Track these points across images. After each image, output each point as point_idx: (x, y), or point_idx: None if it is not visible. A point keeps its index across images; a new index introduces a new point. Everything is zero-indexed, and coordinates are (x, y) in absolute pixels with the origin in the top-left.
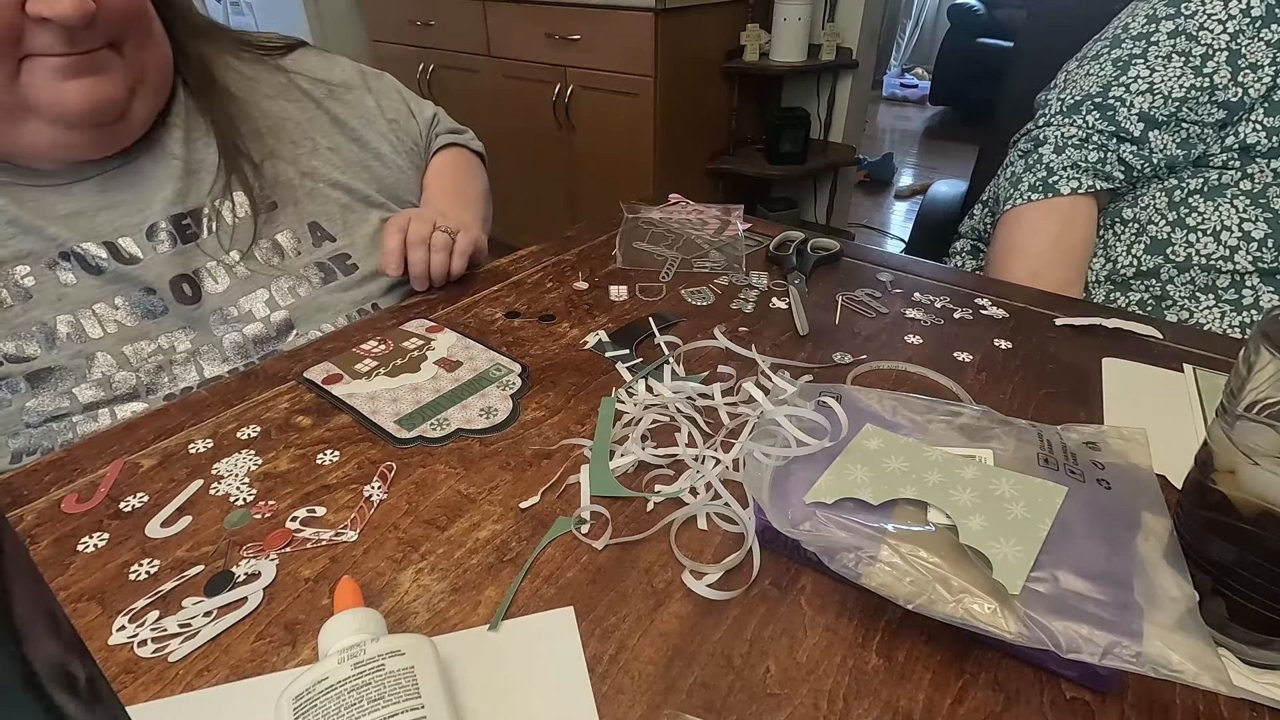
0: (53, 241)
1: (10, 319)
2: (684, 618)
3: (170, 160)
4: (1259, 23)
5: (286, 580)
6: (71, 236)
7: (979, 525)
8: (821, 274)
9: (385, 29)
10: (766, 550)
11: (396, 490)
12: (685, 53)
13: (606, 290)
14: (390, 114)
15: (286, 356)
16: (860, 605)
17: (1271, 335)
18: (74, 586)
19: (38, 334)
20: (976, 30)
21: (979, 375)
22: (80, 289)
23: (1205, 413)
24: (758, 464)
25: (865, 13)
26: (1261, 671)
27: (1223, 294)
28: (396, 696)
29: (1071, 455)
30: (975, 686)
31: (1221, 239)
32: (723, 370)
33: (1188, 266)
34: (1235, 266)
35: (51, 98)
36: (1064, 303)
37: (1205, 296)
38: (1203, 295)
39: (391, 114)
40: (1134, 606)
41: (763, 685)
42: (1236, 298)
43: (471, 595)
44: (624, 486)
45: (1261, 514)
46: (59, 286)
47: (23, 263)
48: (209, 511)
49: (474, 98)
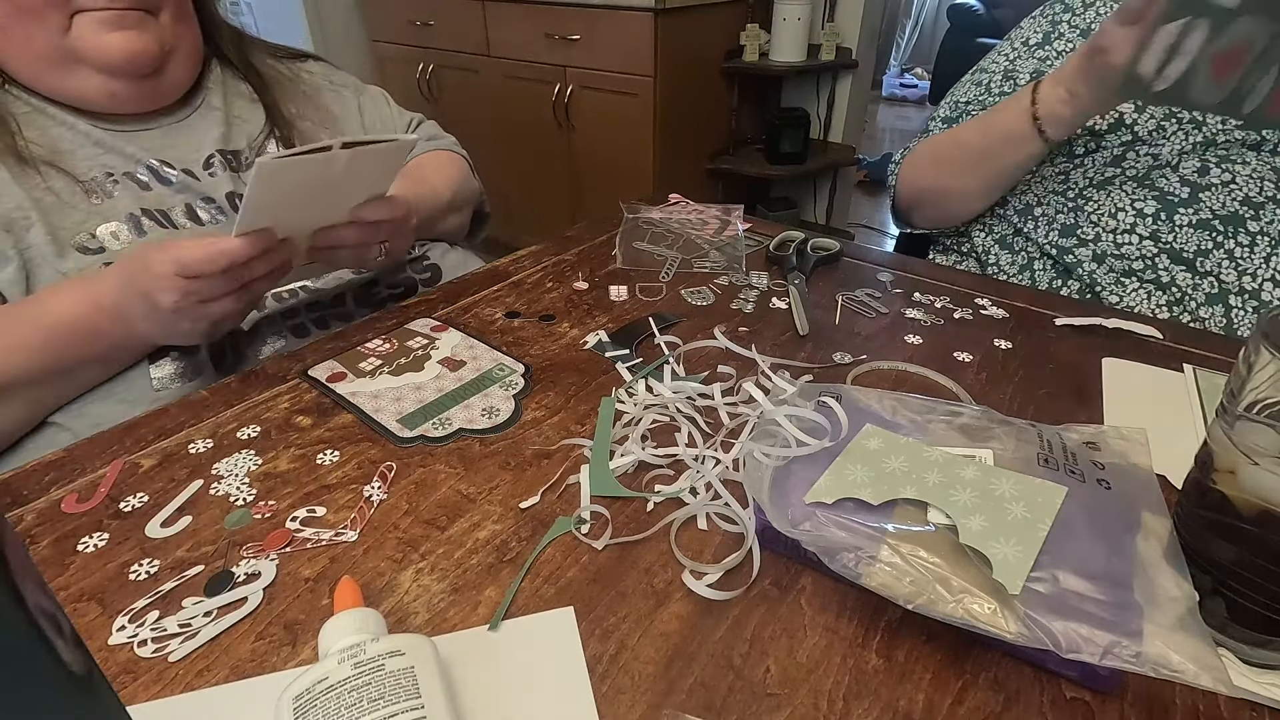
0: (131, 158)
1: (105, 210)
2: (684, 618)
3: (213, 112)
4: (1034, 46)
5: (286, 580)
6: (146, 155)
7: (979, 525)
8: (821, 274)
9: (385, 29)
10: (766, 550)
11: (396, 490)
12: (685, 53)
13: (606, 290)
14: (369, 114)
15: (287, 356)
16: (860, 605)
17: (1271, 335)
18: (74, 586)
19: (128, 223)
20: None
21: (979, 375)
22: (156, 195)
23: (1205, 413)
24: (758, 464)
25: (865, 13)
26: (1261, 671)
27: (1143, 276)
28: (396, 696)
29: (1071, 455)
30: (975, 686)
31: (1119, 218)
32: (723, 370)
33: (1103, 257)
34: (1142, 251)
35: (96, 45)
36: (1064, 303)
37: (1129, 280)
38: (1126, 280)
39: (371, 114)
40: (1134, 606)
41: (763, 685)
42: (1155, 278)
43: (471, 595)
44: (624, 486)
45: (1261, 514)
46: (139, 191)
47: (109, 173)
48: (209, 511)
49: (474, 98)
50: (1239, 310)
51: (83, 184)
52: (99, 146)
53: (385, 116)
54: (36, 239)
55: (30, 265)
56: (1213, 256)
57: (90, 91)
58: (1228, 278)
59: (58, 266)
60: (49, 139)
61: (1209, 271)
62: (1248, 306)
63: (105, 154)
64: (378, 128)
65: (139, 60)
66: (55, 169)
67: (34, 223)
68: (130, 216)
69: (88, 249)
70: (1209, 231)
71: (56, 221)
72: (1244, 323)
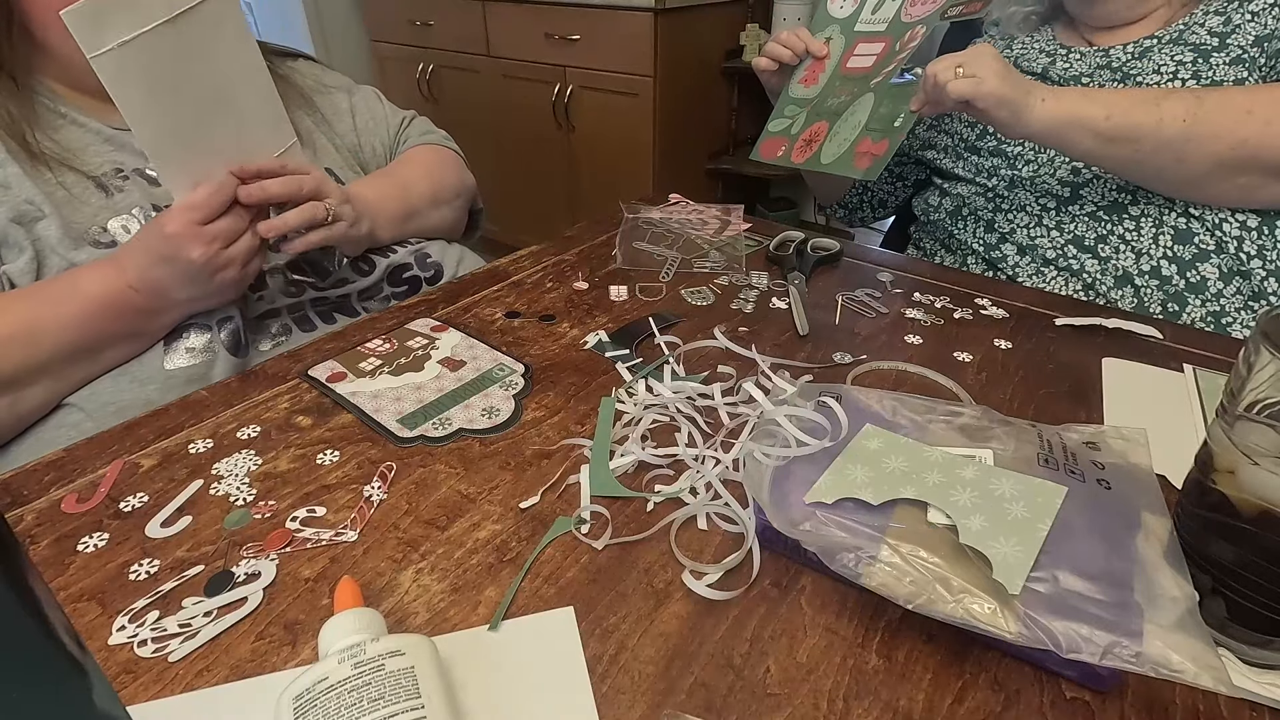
0: (141, 155)
1: (116, 205)
2: (684, 618)
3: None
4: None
5: (286, 580)
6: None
7: (979, 525)
8: (821, 274)
9: (385, 29)
10: (766, 550)
11: (396, 490)
12: (685, 53)
13: (606, 290)
14: (361, 115)
15: (287, 356)
16: (860, 605)
17: (1271, 335)
18: (74, 586)
19: (139, 215)
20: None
21: (979, 375)
22: (165, 190)
23: (1205, 413)
24: (758, 464)
25: None
26: (1261, 671)
27: (1058, 264)
28: (396, 696)
29: (1071, 455)
30: (975, 686)
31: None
32: (723, 370)
33: (1025, 251)
34: (1053, 243)
35: None
36: (1064, 303)
37: (1047, 270)
38: (1045, 269)
39: (363, 114)
40: (1134, 606)
41: (763, 685)
42: (1067, 265)
43: (471, 595)
44: (624, 486)
45: (1261, 514)
46: (149, 187)
47: (119, 169)
48: (209, 511)
49: (474, 98)
50: (1146, 290)
51: (94, 180)
52: (110, 144)
53: (378, 114)
54: (47, 231)
55: (41, 256)
56: (1109, 242)
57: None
58: (1126, 261)
59: (70, 258)
60: (61, 137)
61: (1109, 257)
62: (1150, 285)
63: (116, 151)
64: (370, 126)
65: None
66: (67, 166)
67: (46, 215)
68: (140, 210)
69: (100, 242)
70: (1098, 222)
71: (69, 215)
72: (1153, 300)
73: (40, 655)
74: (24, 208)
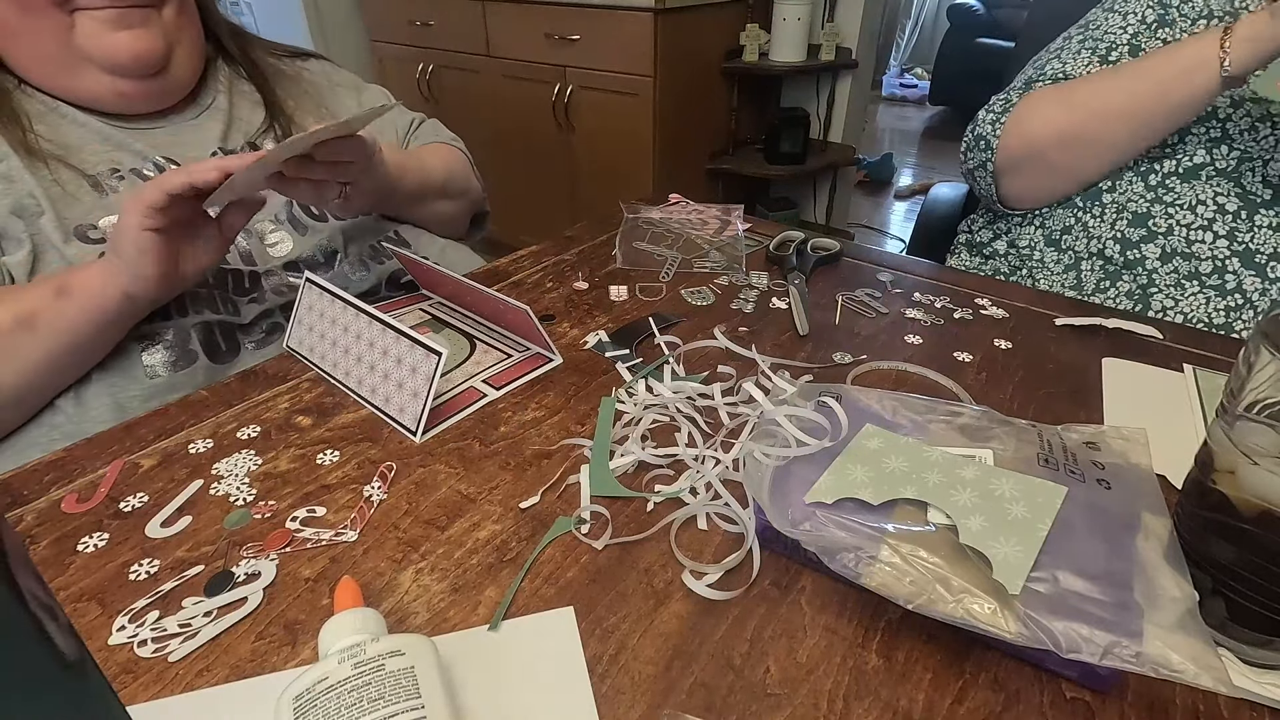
0: (139, 155)
1: (109, 204)
2: (684, 618)
3: (217, 111)
4: (1154, 25)
5: (286, 580)
6: (154, 152)
7: (979, 525)
8: (821, 274)
9: (385, 29)
10: (766, 550)
11: (396, 490)
12: (685, 53)
13: (606, 290)
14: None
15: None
16: (860, 605)
17: (1271, 335)
18: (74, 586)
19: None
20: (976, 30)
21: (979, 375)
22: None
23: (1205, 413)
24: (758, 464)
25: (865, 13)
26: (1261, 671)
27: (1206, 280)
28: (396, 696)
29: (1071, 455)
30: (975, 686)
31: (1198, 211)
32: (723, 370)
33: (1171, 256)
34: (1215, 253)
35: (101, 45)
36: (1064, 303)
37: (1190, 283)
38: (1187, 283)
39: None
40: (1134, 606)
41: (763, 685)
42: (1220, 283)
43: (471, 595)
44: (624, 486)
45: (1261, 514)
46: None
47: (115, 169)
48: (209, 511)
49: (474, 98)
50: None
51: (89, 178)
52: (108, 143)
53: (387, 115)
54: (45, 225)
55: (38, 250)
56: None
57: (100, 92)
58: None
59: (63, 253)
60: (59, 135)
61: (1278, 278)
62: None
63: (114, 150)
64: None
65: (145, 59)
66: (63, 164)
67: (44, 210)
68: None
69: (89, 238)
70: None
71: (63, 212)
72: None
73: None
74: (25, 201)
